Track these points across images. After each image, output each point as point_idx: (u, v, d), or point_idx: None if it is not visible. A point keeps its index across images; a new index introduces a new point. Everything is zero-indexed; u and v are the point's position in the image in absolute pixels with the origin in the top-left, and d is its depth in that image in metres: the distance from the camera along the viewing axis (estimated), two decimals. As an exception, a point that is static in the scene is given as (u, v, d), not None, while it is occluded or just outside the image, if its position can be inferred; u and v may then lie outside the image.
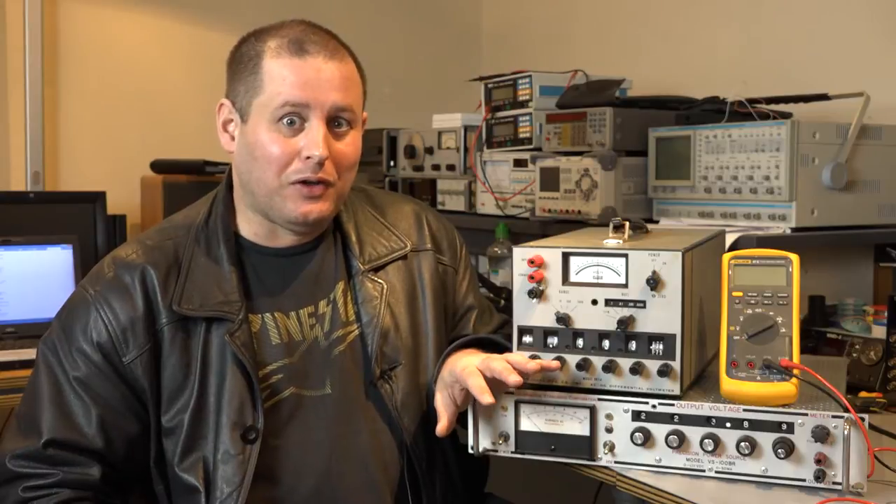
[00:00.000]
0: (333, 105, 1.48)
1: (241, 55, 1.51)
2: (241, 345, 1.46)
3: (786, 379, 1.36)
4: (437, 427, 1.46)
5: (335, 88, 1.48)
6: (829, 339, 1.96)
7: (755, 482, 1.36)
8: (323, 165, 1.47)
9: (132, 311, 1.48)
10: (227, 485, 1.43)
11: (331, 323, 1.56)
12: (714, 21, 2.91)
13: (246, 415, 1.46)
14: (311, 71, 1.46)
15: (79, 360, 1.47)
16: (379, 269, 1.60)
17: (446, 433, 1.47)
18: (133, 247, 1.54)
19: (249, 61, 1.49)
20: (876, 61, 2.43)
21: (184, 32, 3.42)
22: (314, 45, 1.48)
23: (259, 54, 1.48)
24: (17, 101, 3.11)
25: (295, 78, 1.46)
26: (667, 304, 1.41)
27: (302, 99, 1.45)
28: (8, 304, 2.50)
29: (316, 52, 1.47)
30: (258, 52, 1.49)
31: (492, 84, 2.79)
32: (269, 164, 1.47)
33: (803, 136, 2.01)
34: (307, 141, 1.46)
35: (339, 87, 1.48)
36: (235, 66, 1.52)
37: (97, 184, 3.00)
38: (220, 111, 1.54)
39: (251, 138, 1.48)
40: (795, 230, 2.02)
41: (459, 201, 2.85)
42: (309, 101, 1.46)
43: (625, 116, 2.32)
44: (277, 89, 1.45)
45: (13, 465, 1.44)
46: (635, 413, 1.42)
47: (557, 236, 1.72)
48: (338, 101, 1.48)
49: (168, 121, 3.38)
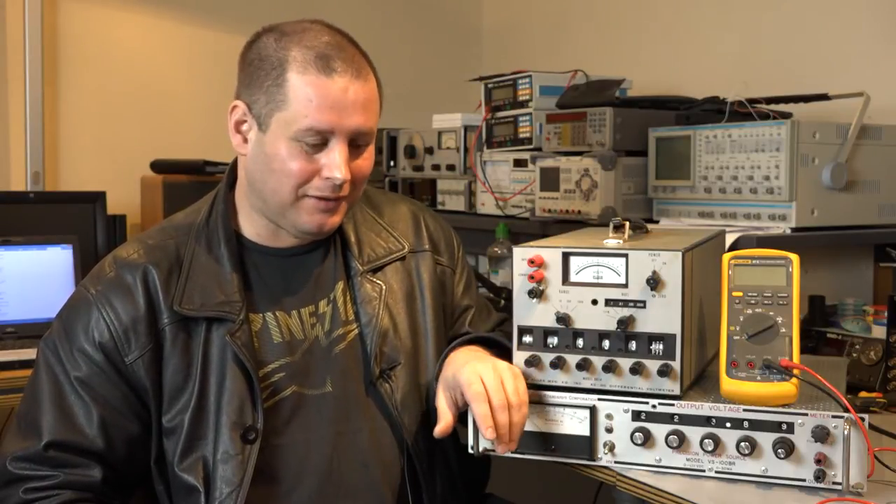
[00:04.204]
0: (356, 129, 1.47)
1: (262, 59, 1.47)
2: (241, 345, 1.46)
3: (786, 379, 1.36)
4: (436, 429, 1.47)
5: (359, 111, 1.46)
6: (829, 339, 1.96)
7: (755, 482, 1.37)
8: (342, 187, 1.47)
9: (134, 310, 1.47)
10: (227, 485, 1.43)
11: (331, 322, 1.56)
12: (714, 21, 2.91)
13: (246, 415, 1.46)
14: (337, 92, 1.44)
15: (80, 360, 1.47)
16: (377, 270, 1.61)
17: (445, 435, 1.47)
18: (134, 246, 1.54)
19: (272, 70, 1.45)
20: (876, 61, 2.43)
21: (184, 32, 3.42)
22: (341, 63, 1.45)
23: (283, 64, 1.45)
24: (17, 101, 3.11)
25: (321, 101, 1.43)
26: (667, 304, 1.42)
27: (327, 125, 1.44)
28: (8, 304, 2.50)
29: (343, 70, 1.45)
30: (281, 61, 1.45)
31: (492, 84, 2.79)
32: (288, 179, 1.46)
33: (803, 136, 2.01)
34: (328, 162, 1.46)
35: (362, 110, 1.47)
36: (254, 69, 1.48)
37: (97, 184, 3.00)
38: (232, 112, 1.51)
39: (270, 150, 1.46)
40: (795, 230, 2.02)
41: (459, 201, 2.85)
42: (334, 126, 1.44)
43: (625, 116, 2.32)
44: (303, 111, 1.43)
45: (14, 468, 1.44)
46: (635, 413, 1.42)
47: (557, 236, 1.72)
48: (361, 124, 1.47)
49: (168, 121, 3.38)
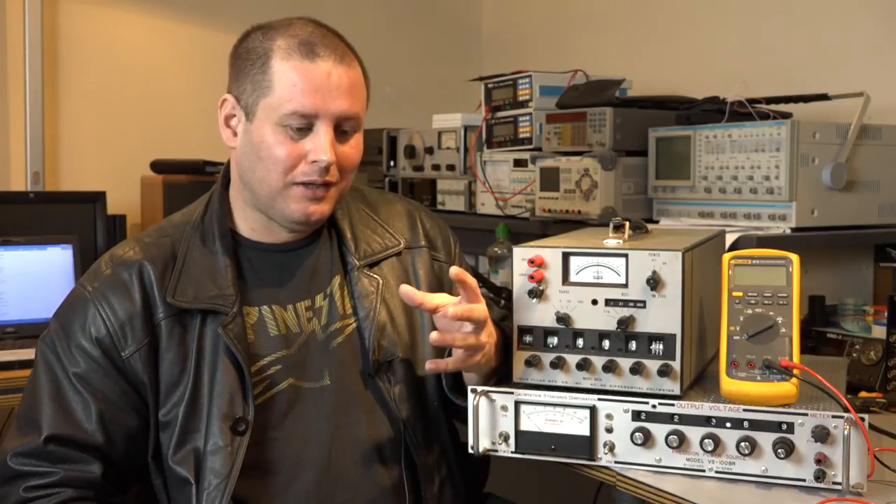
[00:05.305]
0: (341, 113, 1.48)
1: (248, 51, 1.50)
2: (233, 337, 1.47)
3: (786, 379, 1.36)
4: (427, 363, 1.48)
5: (343, 95, 1.48)
6: (829, 339, 1.96)
7: (755, 482, 1.36)
8: (329, 170, 1.48)
9: (130, 306, 1.48)
10: (216, 476, 1.43)
11: (328, 316, 1.57)
12: (714, 21, 2.91)
13: (236, 406, 1.46)
14: (320, 76, 1.46)
15: (78, 356, 1.47)
16: (374, 265, 1.61)
17: (431, 369, 1.48)
18: (130, 244, 1.55)
19: (258, 59, 1.48)
20: (876, 61, 2.43)
21: (184, 32, 3.42)
22: (324, 49, 1.48)
23: (267, 53, 1.48)
24: (17, 101, 3.11)
25: (305, 84, 1.45)
26: (667, 304, 1.42)
27: (311, 109, 1.46)
28: (8, 304, 2.50)
29: (326, 55, 1.47)
30: (266, 50, 1.48)
31: (492, 84, 2.79)
32: (275, 165, 1.48)
33: (803, 136, 2.01)
34: (314, 146, 1.47)
35: (346, 94, 1.49)
36: (241, 62, 1.51)
37: (97, 184, 3.00)
38: (222, 106, 1.54)
39: (256, 138, 1.49)
40: (795, 230, 2.02)
41: (459, 201, 2.85)
42: (318, 110, 1.46)
43: (625, 116, 2.32)
44: (287, 95, 1.45)
45: (14, 464, 1.44)
46: (635, 413, 1.42)
47: (557, 236, 1.72)
48: (345, 108, 1.49)
49: (168, 121, 3.38)
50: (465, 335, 1.44)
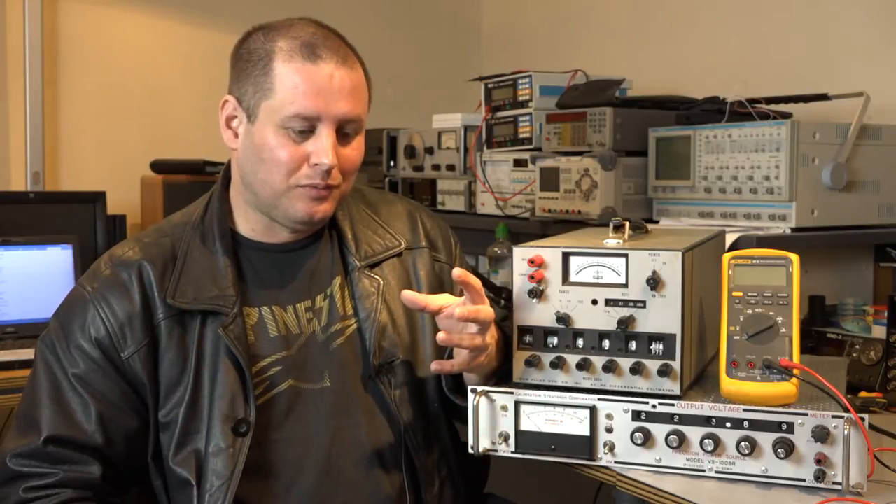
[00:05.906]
0: (343, 115, 1.48)
1: (250, 52, 1.50)
2: (234, 338, 1.47)
3: (786, 379, 1.36)
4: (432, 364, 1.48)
5: (345, 98, 1.48)
6: (829, 339, 1.96)
7: (755, 482, 1.36)
8: (331, 173, 1.48)
9: (130, 307, 1.48)
10: (217, 478, 1.43)
11: (328, 317, 1.56)
12: (714, 21, 2.91)
13: (237, 408, 1.46)
14: (323, 78, 1.46)
15: (77, 356, 1.47)
16: (374, 266, 1.61)
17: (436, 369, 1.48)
18: (130, 244, 1.55)
19: (259, 61, 1.48)
20: (876, 61, 2.43)
21: (183, 32, 3.43)
22: (326, 51, 1.47)
23: (269, 54, 1.47)
24: (17, 101, 3.11)
25: (307, 87, 1.45)
26: (667, 304, 1.41)
27: (313, 111, 1.45)
28: (8, 304, 2.50)
29: (328, 57, 1.47)
30: (268, 51, 1.48)
31: (492, 84, 2.79)
32: (277, 168, 1.47)
33: (803, 136, 2.01)
34: (316, 148, 1.47)
35: (348, 96, 1.48)
36: (243, 63, 1.51)
37: (97, 184, 3.00)
38: (223, 107, 1.54)
39: (258, 140, 1.48)
40: (795, 230, 2.02)
41: (459, 201, 2.85)
42: (320, 112, 1.46)
43: (625, 116, 2.32)
44: (289, 98, 1.45)
45: (14, 464, 1.44)
46: (635, 413, 1.42)
47: (557, 236, 1.72)
48: (347, 111, 1.48)
49: (168, 121, 3.38)
50: (472, 336, 1.44)
